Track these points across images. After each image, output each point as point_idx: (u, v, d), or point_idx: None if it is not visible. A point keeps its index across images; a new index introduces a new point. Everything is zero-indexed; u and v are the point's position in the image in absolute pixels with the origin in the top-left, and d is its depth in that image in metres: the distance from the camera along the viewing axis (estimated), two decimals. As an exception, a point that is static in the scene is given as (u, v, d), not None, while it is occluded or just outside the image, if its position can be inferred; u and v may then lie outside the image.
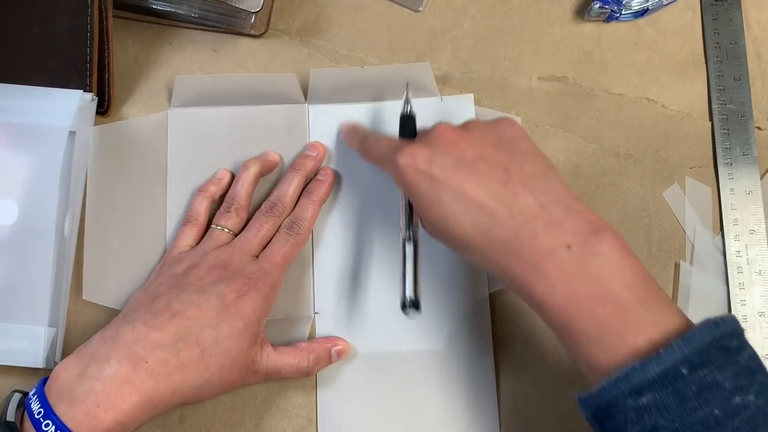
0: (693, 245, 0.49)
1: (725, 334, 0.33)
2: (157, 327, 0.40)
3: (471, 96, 0.51)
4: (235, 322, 0.42)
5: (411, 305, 0.41)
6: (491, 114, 0.51)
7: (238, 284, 0.43)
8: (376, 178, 0.50)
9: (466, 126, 0.41)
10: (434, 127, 0.41)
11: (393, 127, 0.50)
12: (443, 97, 0.51)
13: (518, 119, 0.51)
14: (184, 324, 0.41)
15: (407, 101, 0.47)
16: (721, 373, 0.32)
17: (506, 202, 0.37)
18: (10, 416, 0.38)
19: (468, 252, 0.39)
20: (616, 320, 0.34)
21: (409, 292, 0.41)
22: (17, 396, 0.40)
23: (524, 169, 0.38)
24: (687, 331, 0.33)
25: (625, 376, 0.33)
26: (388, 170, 0.42)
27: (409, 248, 0.42)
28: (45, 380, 0.40)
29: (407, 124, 0.46)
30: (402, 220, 0.43)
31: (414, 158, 0.39)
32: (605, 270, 0.35)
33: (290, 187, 0.48)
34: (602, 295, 0.35)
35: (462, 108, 0.51)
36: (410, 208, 0.43)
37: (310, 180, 0.49)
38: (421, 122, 0.50)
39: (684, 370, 0.32)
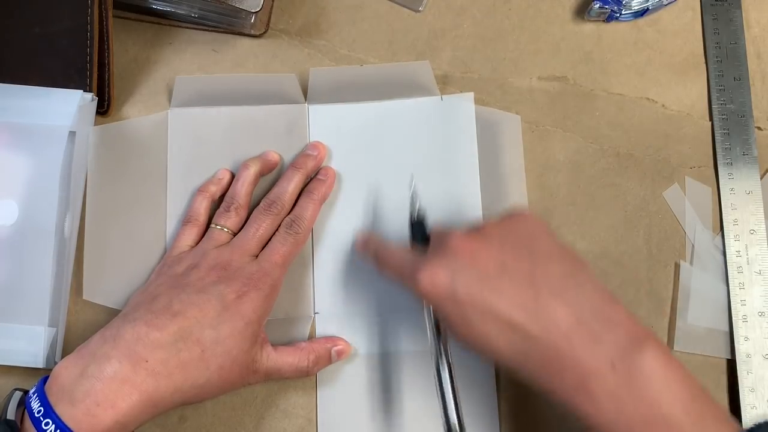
0: (693, 245, 0.49)
1: None
2: (157, 326, 0.40)
3: (471, 95, 0.51)
4: (235, 322, 0.42)
5: (458, 430, 0.39)
6: (491, 113, 0.51)
7: (238, 284, 0.43)
8: (376, 178, 0.50)
9: (481, 232, 0.39)
10: (449, 239, 0.38)
11: (392, 126, 0.50)
12: (443, 96, 0.51)
13: (518, 117, 0.51)
14: (185, 324, 0.41)
15: (414, 203, 0.45)
16: None
17: (539, 318, 0.35)
18: (11, 415, 0.38)
19: (508, 369, 0.37)
20: None
21: (453, 419, 0.39)
22: (18, 394, 0.40)
23: (551, 275, 0.36)
24: None
25: None
26: (410, 290, 0.39)
27: (445, 374, 0.40)
28: (45, 379, 0.40)
29: (418, 230, 0.45)
30: (431, 343, 0.41)
31: (433, 281, 0.37)
32: (654, 391, 0.33)
33: (290, 185, 0.48)
34: (653, 418, 0.33)
35: (462, 107, 0.51)
36: (437, 328, 0.41)
37: (311, 179, 0.49)
38: (422, 123, 0.50)
39: None
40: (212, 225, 0.47)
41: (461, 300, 0.36)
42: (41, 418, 0.37)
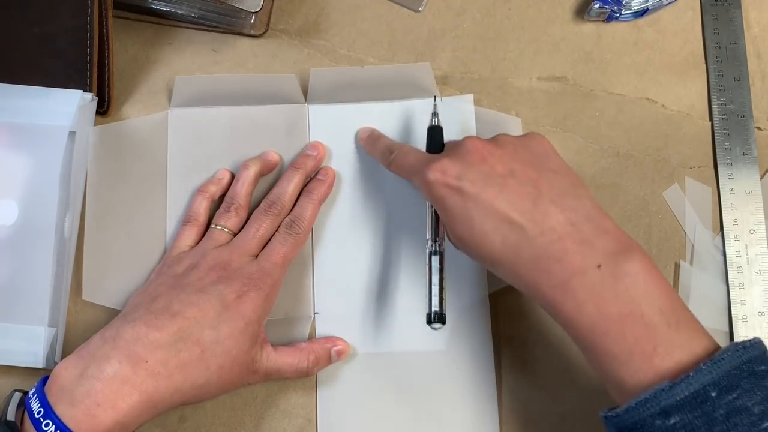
0: (693, 245, 0.49)
1: (753, 358, 0.34)
2: (157, 327, 0.40)
3: (470, 96, 0.51)
4: (235, 322, 0.42)
5: (437, 319, 0.41)
6: (491, 115, 0.51)
7: (238, 284, 0.43)
8: (376, 178, 0.50)
9: (496, 140, 0.41)
10: (463, 141, 0.41)
11: (392, 127, 0.50)
12: (443, 97, 0.51)
13: (518, 120, 0.51)
14: (185, 324, 0.41)
15: (435, 113, 0.47)
16: (749, 398, 0.32)
17: (536, 219, 0.37)
18: (11, 416, 0.38)
19: (496, 267, 0.39)
20: (644, 341, 0.35)
21: (435, 306, 0.41)
22: (18, 395, 0.40)
23: (554, 186, 0.39)
24: (715, 354, 0.33)
25: (654, 397, 0.33)
26: (416, 184, 0.42)
27: (435, 261, 0.42)
28: (45, 379, 0.40)
29: (435, 135, 0.46)
30: (428, 233, 0.44)
31: (444, 173, 0.39)
32: (634, 290, 0.35)
33: (290, 185, 0.48)
34: (631, 315, 0.35)
35: (462, 109, 0.51)
36: (437, 221, 0.43)
37: (310, 179, 0.49)
38: (422, 124, 0.50)
39: (713, 394, 0.32)
40: (212, 225, 0.47)
41: (467, 193, 0.38)
42: (41, 418, 0.37)
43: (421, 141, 0.50)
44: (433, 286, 0.42)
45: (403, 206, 0.49)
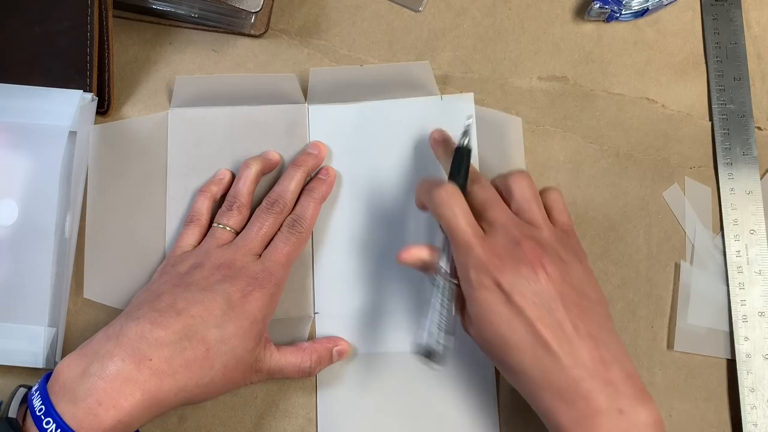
0: (693, 245, 0.49)
1: None
2: (161, 325, 0.40)
3: (471, 95, 0.51)
4: (241, 321, 0.42)
5: (422, 352, 0.40)
6: (491, 114, 0.51)
7: (242, 283, 0.43)
8: (376, 178, 0.50)
9: (545, 247, 0.40)
10: (521, 244, 0.40)
11: (392, 127, 0.50)
12: (443, 96, 0.51)
13: (519, 119, 0.51)
14: (189, 322, 0.41)
15: (466, 133, 0.45)
16: None
17: (573, 351, 0.38)
18: (13, 412, 0.38)
19: (513, 376, 0.40)
20: None
21: (423, 341, 0.40)
22: (22, 391, 0.40)
23: (592, 317, 0.39)
24: None
25: None
26: (455, 248, 0.41)
27: (435, 292, 0.41)
28: (48, 376, 0.40)
29: (463, 159, 0.44)
30: (444, 266, 0.42)
31: (497, 271, 0.39)
32: None
33: (291, 183, 0.48)
34: None
35: (462, 107, 0.51)
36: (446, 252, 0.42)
37: (311, 178, 0.49)
38: (422, 122, 0.50)
39: None
40: (215, 224, 0.47)
41: (515, 304, 0.38)
42: (42, 416, 0.37)
43: (421, 141, 0.50)
44: (430, 323, 0.41)
45: (403, 206, 0.49)
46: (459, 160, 0.44)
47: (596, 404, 0.37)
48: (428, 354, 0.40)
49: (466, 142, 0.45)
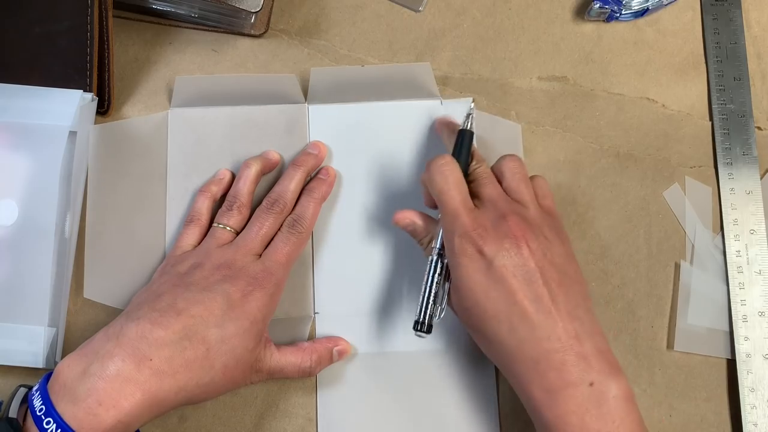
0: (693, 245, 0.49)
1: None
2: (162, 324, 0.40)
3: (470, 99, 0.51)
4: (241, 321, 0.42)
5: (421, 328, 0.43)
6: (491, 119, 0.51)
7: (243, 283, 0.43)
8: (376, 178, 0.50)
9: (531, 223, 0.42)
10: (507, 218, 0.41)
11: (392, 126, 0.50)
12: (443, 99, 0.51)
13: (518, 126, 0.51)
14: (190, 322, 0.41)
15: (470, 115, 0.47)
16: None
17: (549, 323, 0.39)
18: (13, 412, 0.38)
19: (490, 346, 0.41)
20: None
21: (421, 317, 0.43)
22: (22, 391, 0.40)
23: (570, 294, 0.40)
24: None
25: None
26: (445, 220, 0.42)
27: (433, 274, 0.43)
28: (49, 376, 0.40)
29: (464, 140, 0.46)
30: (436, 241, 0.44)
31: (482, 239, 0.40)
32: (616, 413, 0.38)
33: (291, 183, 0.48)
34: None
35: (461, 111, 0.51)
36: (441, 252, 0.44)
37: (311, 178, 0.49)
38: (422, 126, 0.50)
39: None
40: (215, 224, 0.47)
41: (495, 269, 0.40)
42: (43, 416, 0.37)
43: (420, 143, 0.50)
44: (423, 300, 0.43)
45: (402, 206, 0.49)
46: (461, 141, 0.46)
47: (568, 376, 0.38)
48: (426, 328, 0.43)
49: (469, 125, 0.46)
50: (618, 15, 0.52)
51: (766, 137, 0.51)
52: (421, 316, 0.43)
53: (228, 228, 0.47)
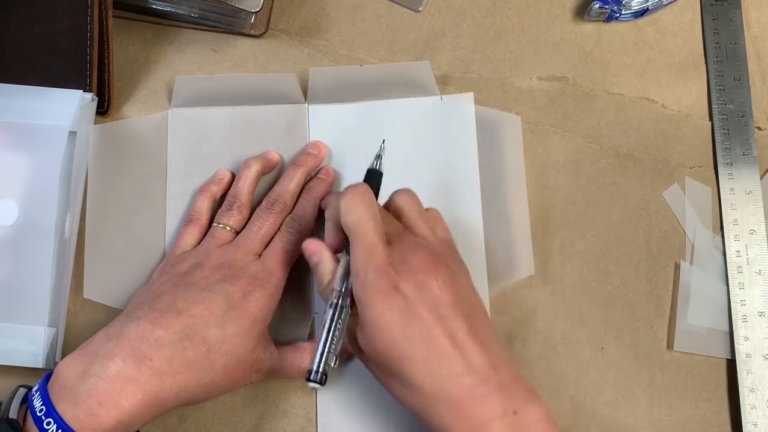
0: (693, 245, 0.49)
1: None
2: (162, 325, 0.40)
3: (471, 95, 0.51)
4: (242, 321, 0.42)
5: (310, 378, 0.40)
6: (491, 113, 0.51)
7: (243, 283, 0.43)
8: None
9: (441, 258, 0.40)
10: (417, 252, 0.40)
11: (392, 126, 0.50)
12: (443, 96, 0.51)
13: (518, 118, 0.51)
14: (190, 322, 0.41)
15: (379, 156, 0.46)
16: None
17: (467, 356, 0.38)
18: (13, 413, 0.38)
19: (403, 391, 0.39)
20: None
21: (315, 365, 0.40)
22: (22, 391, 0.40)
23: (481, 326, 0.39)
24: None
25: None
26: (356, 257, 0.40)
27: (328, 313, 0.41)
28: (49, 376, 0.40)
29: (373, 181, 0.45)
30: (337, 284, 0.41)
31: (398, 276, 0.38)
32: None
33: (291, 183, 0.48)
34: None
35: (462, 107, 0.51)
36: (345, 271, 0.41)
37: (311, 178, 0.49)
38: (422, 123, 0.50)
39: None
40: (215, 224, 0.47)
41: (412, 307, 0.38)
42: (43, 417, 0.37)
43: (420, 141, 0.50)
44: (320, 342, 0.40)
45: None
46: (369, 182, 0.44)
47: (492, 409, 0.37)
48: (322, 378, 0.40)
49: (378, 164, 0.45)
50: (618, 15, 0.52)
51: (766, 137, 0.51)
52: (320, 365, 0.40)
53: (228, 228, 0.47)
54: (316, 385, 0.40)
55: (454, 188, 0.49)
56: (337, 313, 0.41)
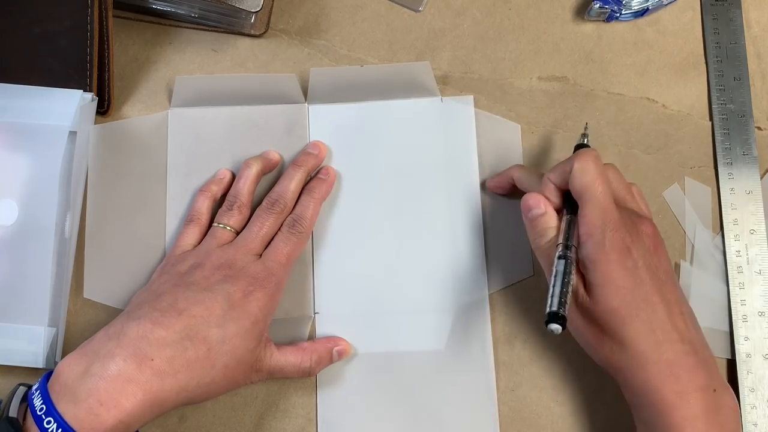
0: (693, 245, 0.49)
1: None
2: (163, 324, 0.40)
3: (471, 98, 0.51)
4: (242, 321, 0.42)
5: (552, 319, 0.39)
6: (491, 119, 0.51)
7: (243, 283, 0.43)
8: (376, 178, 0.50)
9: (651, 232, 0.42)
10: (643, 220, 0.42)
11: (392, 126, 0.50)
12: (443, 98, 0.51)
13: (518, 126, 0.51)
14: (191, 322, 0.41)
15: (585, 134, 0.47)
16: None
17: (680, 326, 0.40)
18: (13, 411, 0.38)
19: (617, 349, 0.40)
20: None
21: (553, 307, 0.40)
22: (22, 390, 0.40)
23: (683, 299, 0.42)
24: None
25: None
26: (593, 212, 0.41)
27: (561, 265, 0.41)
28: (49, 375, 0.40)
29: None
30: (561, 237, 0.42)
31: (629, 237, 0.40)
32: (728, 425, 0.39)
33: (292, 183, 0.48)
34: None
35: (462, 109, 0.51)
36: (568, 228, 0.42)
37: (311, 178, 0.49)
38: (422, 123, 0.50)
39: None
40: (215, 224, 0.47)
41: (640, 271, 0.40)
42: (43, 416, 0.37)
43: (420, 142, 0.50)
44: (555, 290, 0.40)
45: (402, 206, 0.49)
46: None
47: (697, 379, 0.39)
48: (560, 320, 0.39)
49: (585, 141, 0.47)
50: (618, 15, 0.52)
51: (766, 137, 0.51)
52: (559, 307, 0.39)
53: (228, 228, 0.47)
54: (558, 327, 0.39)
55: (454, 188, 0.49)
56: (567, 264, 0.41)
